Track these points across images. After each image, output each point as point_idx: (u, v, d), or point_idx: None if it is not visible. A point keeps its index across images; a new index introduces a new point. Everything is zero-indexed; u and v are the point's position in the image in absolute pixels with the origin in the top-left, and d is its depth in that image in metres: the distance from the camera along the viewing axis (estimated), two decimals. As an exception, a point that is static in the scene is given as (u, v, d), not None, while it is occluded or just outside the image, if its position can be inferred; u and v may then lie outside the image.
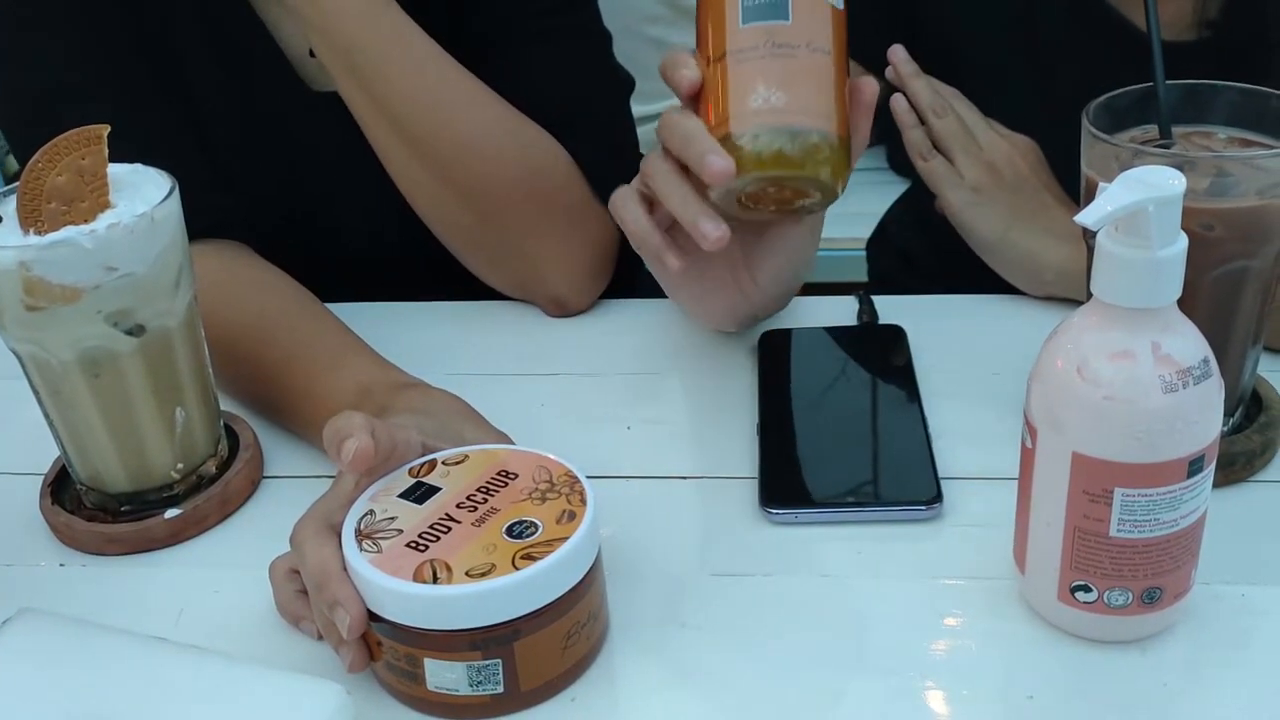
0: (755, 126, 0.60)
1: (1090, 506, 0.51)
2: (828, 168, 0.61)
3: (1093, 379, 0.50)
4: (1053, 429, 0.52)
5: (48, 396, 0.66)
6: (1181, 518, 0.51)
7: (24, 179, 0.61)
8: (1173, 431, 0.49)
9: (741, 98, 0.60)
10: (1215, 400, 0.50)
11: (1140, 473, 0.50)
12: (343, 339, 0.77)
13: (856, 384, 0.76)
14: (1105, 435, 0.50)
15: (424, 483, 0.57)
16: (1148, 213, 0.47)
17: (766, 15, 0.59)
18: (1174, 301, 0.50)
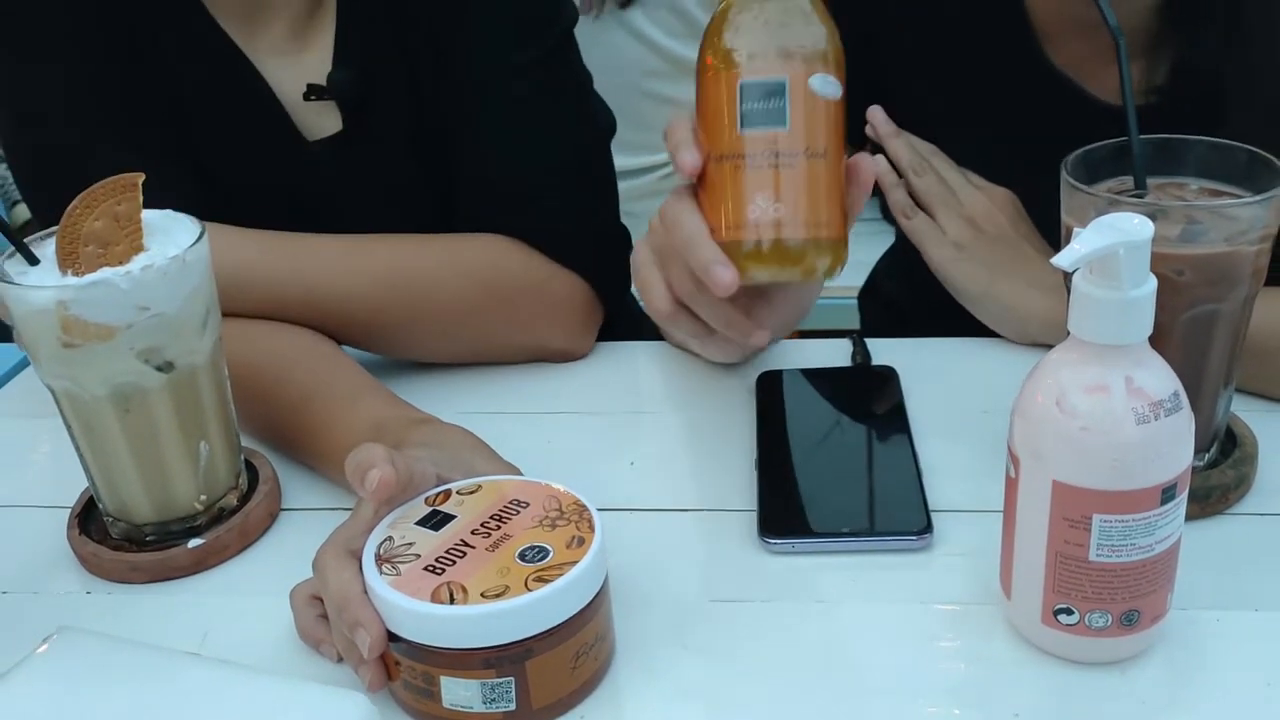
0: (755, 236, 0.62)
1: (1070, 532, 0.54)
2: (826, 262, 0.64)
3: (1070, 411, 0.53)
4: (1034, 459, 0.55)
5: (79, 430, 0.69)
6: (1156, 543, 0.55)
7: (63, 223, 0.65)
8: (1146, 461, 0.53)
9: (741, 206, 0.62)
10: (1185, 432, 0.54)
11: (1116, 500, 0.53)
12: (357, 378, 0.81)
13: (850, 421, 0.79)
14: (1083, 464, 0.53)
15: (440, 511, 0.61)
16: (1118, 256, 0.51)
17: (765, 122, 0.61)
18: (1145, 339, 0.53)
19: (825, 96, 0.62)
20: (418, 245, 0.89)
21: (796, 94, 0.61)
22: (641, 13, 1.71)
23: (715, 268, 0.63)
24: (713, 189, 0.64)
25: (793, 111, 0.61)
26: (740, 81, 0.61)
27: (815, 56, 0.62)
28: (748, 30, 0.63)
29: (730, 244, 0.63)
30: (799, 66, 0.61)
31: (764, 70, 0.61)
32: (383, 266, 0.87)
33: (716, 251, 0.64)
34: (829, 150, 0.63)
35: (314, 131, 0.93)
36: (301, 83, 0.91)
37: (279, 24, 0.91)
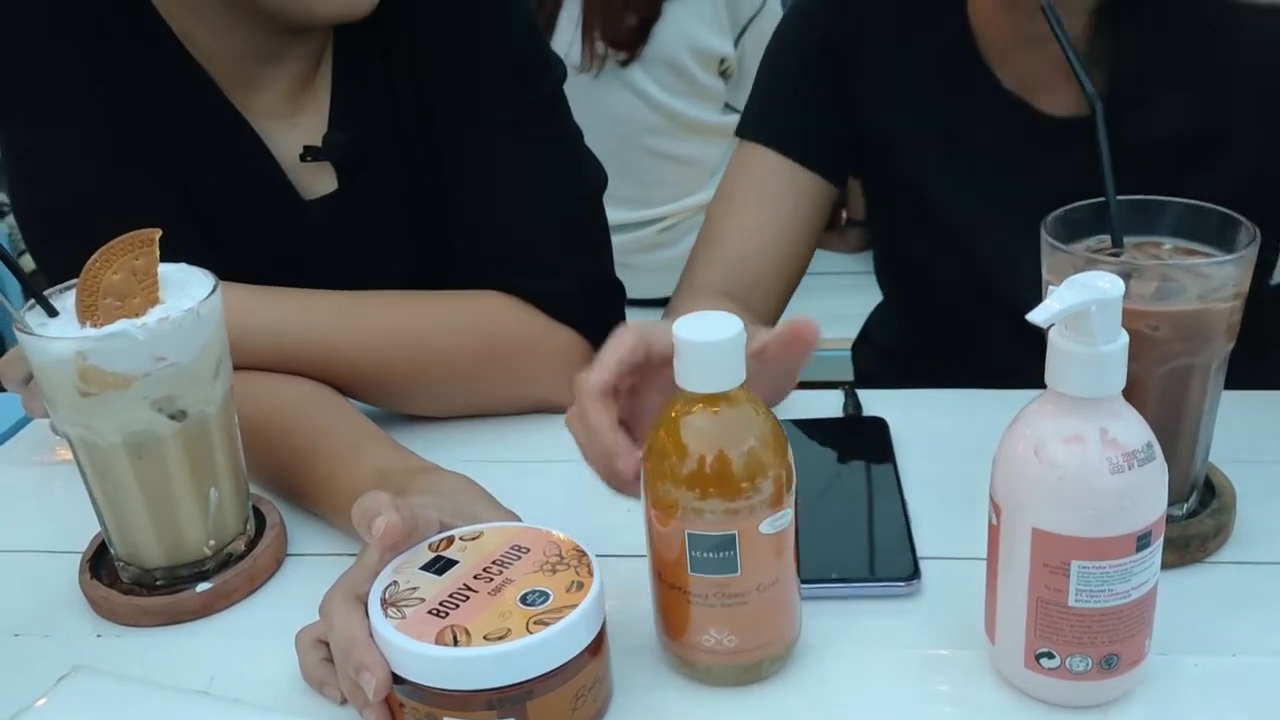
0: (708, 661, 0.62)
1: (1050, 578, 0.57)
2: (781, 661, 0.64)
3: (1048, 461, 0.55)
4: (1014, 507, 0.57)
5: (94, 476, 0.71)
6: (1133, 589, 0.57)
7: (83, 276, 0.67)
8: (1121, 509, 0.55)
9: (695, 632, 0.62)
10: (1159, 481, 0.56)
11: (1093, 546, 0.55)
12: (361, 427, 0.83)
13: (842, 471, 0.81)
14: (1061, 513, 0.55)
15: (443, 556, 0.63)
16: (1090, 313, 0.53)
17: (716, 570, 0.59)
18: (1118, 391, 0.55)
19: (777, 531, 0.60)
20: (416, 302, 0.92)
21: (747, 541, 0.59)
22: (641, 70, 1.75)
23: (618, 463, 0.63)
24: (668, 602, 0.63)
25: (743, 559, 0.59)
26: (687, 531, 0.59)
27: (763, 503, 0.59)
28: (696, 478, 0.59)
29: (685, 653, 0.63)
30: (747, 519, 0.59)
31: (713, 525, 0.59)
32: (382, 322, 0.89)
33: (621, 444, 0.64)
34: (780, 578, 0.61)
35: (310, 191, 0.96)
36: (298, 144, 0.94)
37: (277, 89, 0.94)
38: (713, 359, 0.58)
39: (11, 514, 0.86)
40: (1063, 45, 0.72)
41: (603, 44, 1.74)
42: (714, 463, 0.58)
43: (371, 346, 0.88)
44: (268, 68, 0.93)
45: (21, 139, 0.91)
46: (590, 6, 1.74)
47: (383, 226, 0.97)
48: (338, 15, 0.88)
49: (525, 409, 0.92)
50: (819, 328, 0.66)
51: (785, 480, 0.59)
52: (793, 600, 0.63)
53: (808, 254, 1.04)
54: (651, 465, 0.61)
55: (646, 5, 1.72)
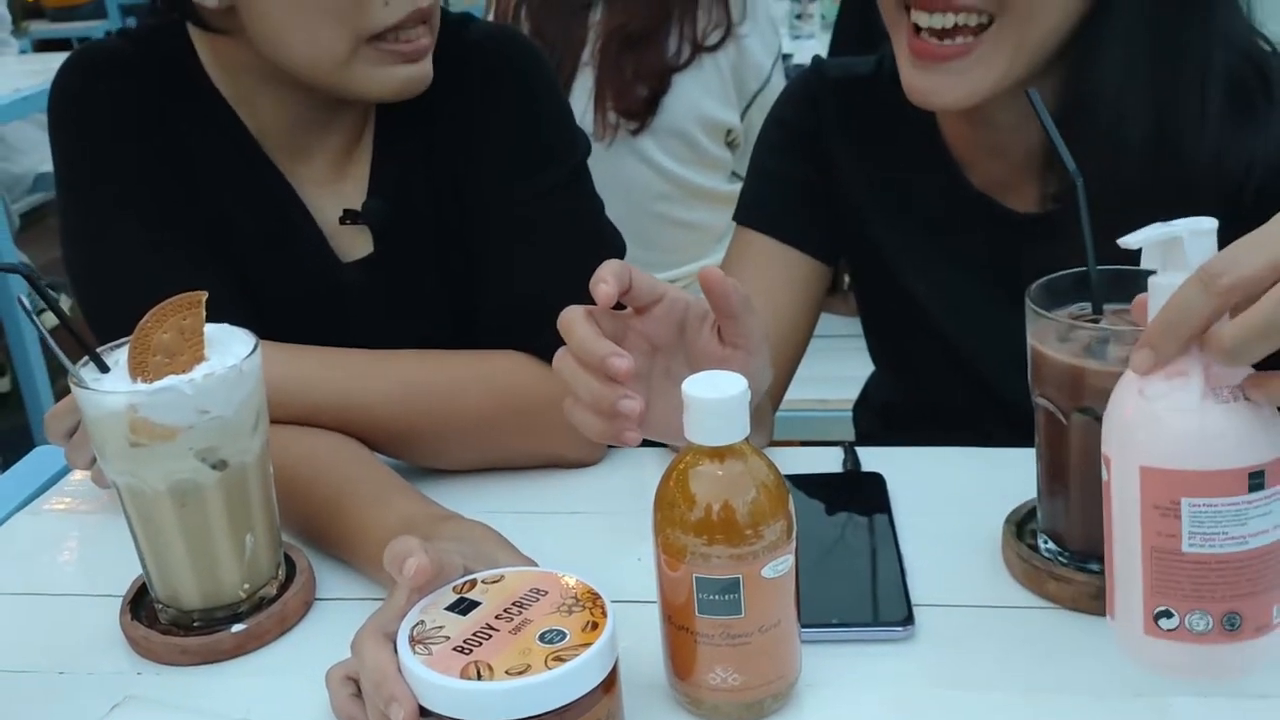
0: (714, 699, 0.66)
1: (1162, 522, 0.56)
2: (785, 697, 0.67)
3: (1152, 395, 0.57)
4: (1122, 449, 0.58)
5: (138, 522, 0.76)
6: (1250, 536, 0.56)
7: (135, 335, 0.73)
8: (1225, 440, 0.55)
9: (702, 671, 0.66)
10: (1270, 421, 0.55)
11: (1203, 481, 0.55)
12: (386, 478, 0.88)
13: (841, 523, 0.86)
14: (1167, 445, 0.56)
15: (466, 598, 0.67)
16: (1183, 239, 0.56)
17: (722, 612, 0.63)
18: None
19: (778, 575, 0.64)
20: (442, 360, 0.97)
21: (751, 584, 0.63)
22: (651, 140, 1.82)
23: (611, 360, 0.69)
24: (676, 643, 0.67)
25: (747, 601, 0.63)
26: (695, 575, 0.63)
27: (766, 549, 0.63)
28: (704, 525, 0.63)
29: (692, 691, 0.67)
30: (751, 564, 0.63)
31: (719, 569, 0.63)
32: (409, 380, 0.94)
33: (608, 346, 0.70)
34: (782, 621, 0.65)
35: (348, 253, 1.02)
36: (338, 208, 1.01)
37: (322, 157, 1.01)
38: (719, 415, 0.62)
39: (54, 560, 0.91)
40: (1045, 125, 0.78)
41: (614, 114, 1.80)
42: (720, 511, 0.63)
43: (396, 403, 0.93)
44: (314, 137, 0.99)
45: (81, 200, 0.97)
46: (602, 78, 1.80)
47: (415, 288, 1.03)
48: (394, 95, 0.94)
49: (541, 463, 0.97)
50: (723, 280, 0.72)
51: (786, 528, 0.64)
52: (794, 641, 0.67)
53: (807, 330, 1.09)
54: (661, 514, 0.65)
55: (656, 78, 1.79)
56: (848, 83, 1.08)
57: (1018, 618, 0.76)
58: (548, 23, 1.81)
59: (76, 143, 0.98)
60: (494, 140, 1.00)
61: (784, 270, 1.08)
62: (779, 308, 1.07)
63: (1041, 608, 0.76)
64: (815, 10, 3.18)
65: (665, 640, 0.68)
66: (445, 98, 1.00)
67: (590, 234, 1.02)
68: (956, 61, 0.89)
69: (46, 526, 0.95)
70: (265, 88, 0.97)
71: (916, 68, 0.91)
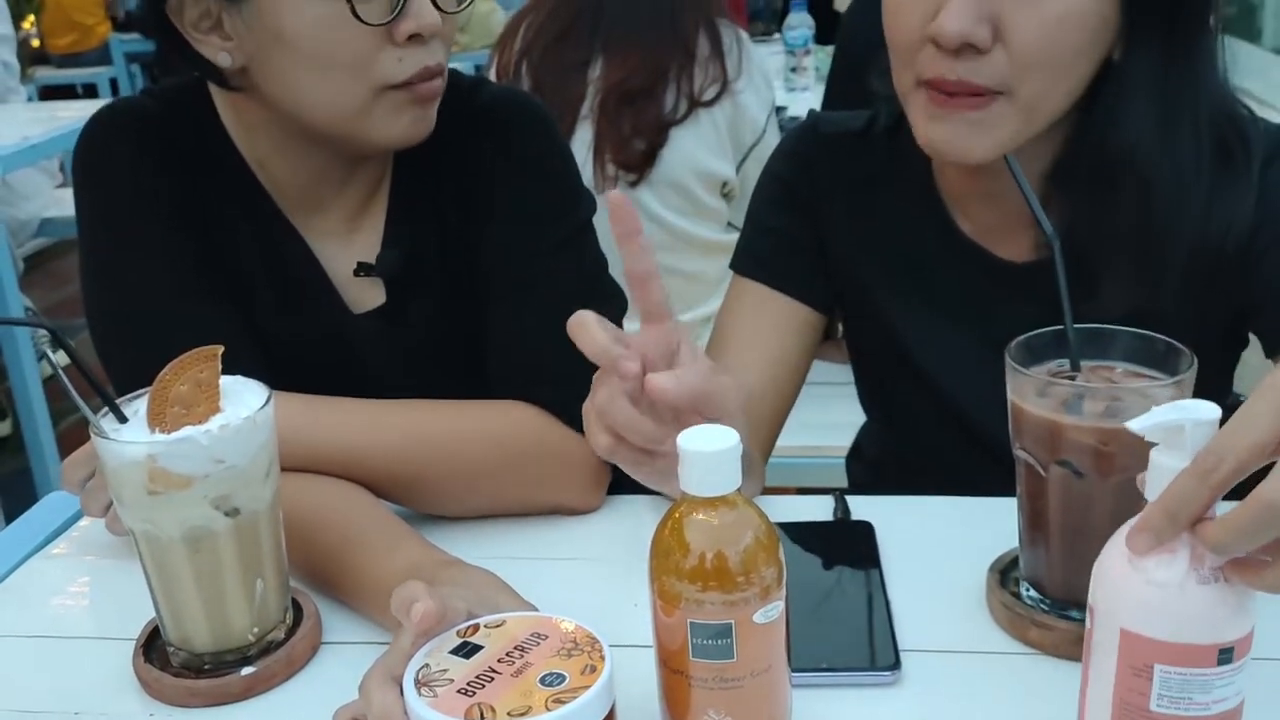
0: None
1: (1134, 681, 0.61)
2: None
3: (1140, 567, 0.60)
4: (1107, 609, 0.62)
5: (153, 567, 0.79)
6: (1214, 703, 0.60)
7: (154, 387, 0.76)
8: (1204, 619, 0.59)
9: (696, 713, 0.68)
10: (1244, 601, 0.60)
11: (1177, 652, 0.59)
12: (392, 525, 0.91)
13: (831, 570, 0.89)
14: (1149, 616, 0.60)
15: (469, 642, 0.70)
16: (1185, 430, 0.59)
17: (715, 656, 0.66)
18: (1212, 512, 0.60)
19: (770, 621, 0.66)
20: (449, 411, 1.00)
21: (743, 630, 0.66)
22: (649, 192, 1.86)
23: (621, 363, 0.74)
24: (670, 687, 0.70)
25: (739, 646, 0.66)
26: (689, 620, 0.66)
27: (757, 595, 0.65)
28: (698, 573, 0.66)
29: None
30: (743, 609, 0.65)
31: (712, 615, 0.65)
32: (416, 431, 0.97)
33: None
34: (772, 666, 0.67)
35: (360, 304, 1.06)
36: (352, 261, 1.05)
37: (337, 211, 1.05)
38: (713, 467, 0.65)
39: (66, 604, 0.94)
40: (1023, 190, 0.82)
41: (613, 167, 1.85)
42: (713, 559, 0.66)
43: (402, 452, 0.96)
44: (331, 191, 1.03)
45: (102, 252, 1.01)
46: (601, 132, 1.85)
47: (425, 338, 1.06)
48: (395, 143, 0.98)
49: (543, 511, 1.00)
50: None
51: (777, 575, 0.67)
52: (784, 685, 0.70)
53: (799, 376, 1.13)
54: (657, 561, 0.68)
55: (654, 132, 1.84)
56: (841, 138, 1.12)
57: (1001, 663, 0.78)
58: (548, 77, 1.86)
59: (100, 197, 1.01)
60: (504, 197, 1.04)
61: (778, 317, 1.12)
62: (772, 354, 1.10)
63: (1024, 654, 0.79)
64: (809, 64, 3.24)
65: (660, 683, 0.71)
66: (458, 156, 1.04)
67: (594, 290, 1.06)
68: (973, 113, 0.91)
69: (59, 571, 0.98)
70: (282, 144, 1.01)
71: (935, 119, 0.93)
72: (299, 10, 0.91)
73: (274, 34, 0.92)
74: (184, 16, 0.94)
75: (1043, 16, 0.88)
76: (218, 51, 0.94)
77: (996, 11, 0.88)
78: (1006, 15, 0.88)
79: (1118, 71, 0.93)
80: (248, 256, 1.03)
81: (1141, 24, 0.91)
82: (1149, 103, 0.93)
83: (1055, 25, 0.88)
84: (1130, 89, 0.93)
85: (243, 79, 0.97)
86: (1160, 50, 0.92)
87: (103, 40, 6.46)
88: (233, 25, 0.93)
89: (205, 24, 0.94)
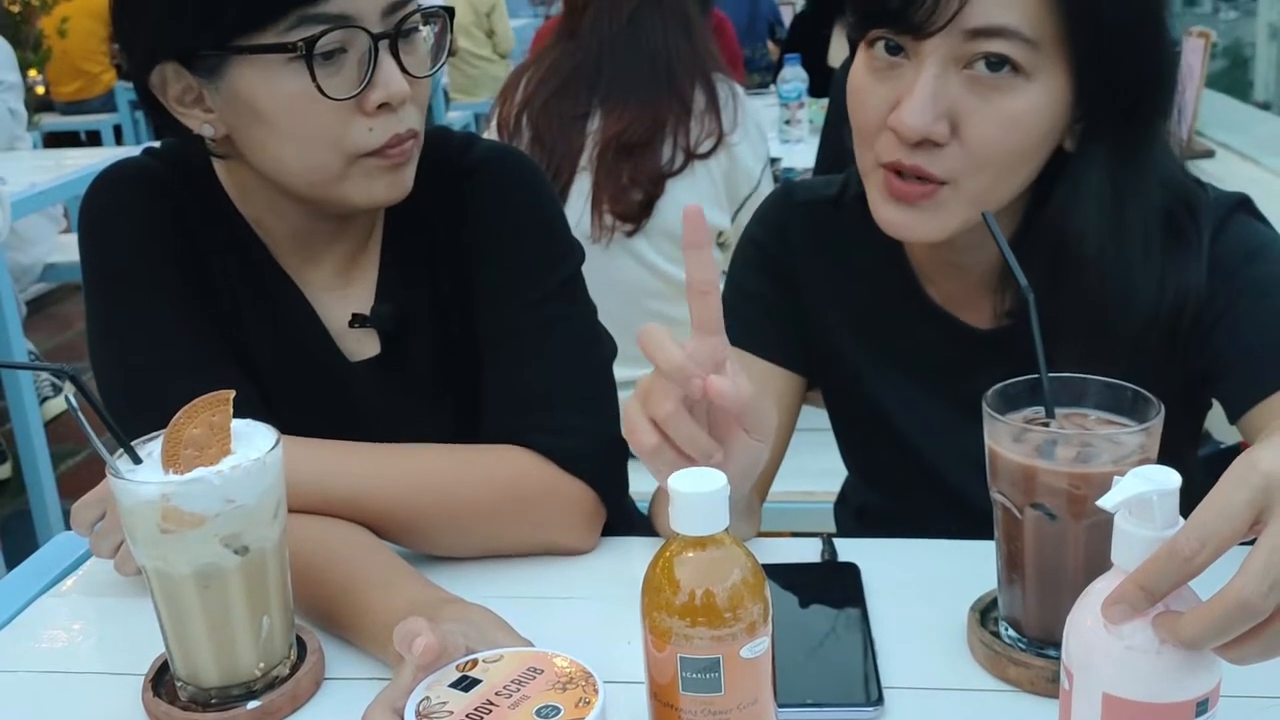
0: None
1: None
2: None
3: (1115, 633, 0.63)
4: (1084, 673, 0.64)
5: (163, 603, 0.81)
6: None
7: (169, 429, 0.79)
8: (1181, 678, 0.62)
9: None
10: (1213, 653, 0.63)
11: (1159, 711, 0.62)
12: (393, 564, 0.94)
13: (818, 609, 0.92)
14: (1130, 679, 0.62)
15: (468, 676, 0.73)
16: (1153, 500, 0.62)
17: (704, 690, 0.68)
18: None
19: (756, 656, 0.69)
20: (444, 455, 1.03)
21: (730, 664, 0.68)
22: (645, 241, 1.91)
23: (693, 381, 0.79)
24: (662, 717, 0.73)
25: (727, 680, 0.68)
26: (679, 655, 0.68)
27: (744, 631, 0.68)
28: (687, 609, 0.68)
29: None
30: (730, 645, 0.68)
31: (701, 649, 0.68)
32: (416, 474, 1.00)
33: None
34: (760, 698, 0.70)
35: (356, 354, 1.09)
36: (346, 312, 1.08)
37: (330, 264, 1.09)
38: (701, 507, 0.69)
39: (75, 641, 0.96)
40: (1000, 246, 0.86)
41: (610, 216, 1.89)
42: (702, 596, 0.69)
43: (403, 495, 0.99)
44: (323, 245, 1.07)
45: (107, 306, 1.04)
46: (599, 182, 1.89)
47: (420, 387, 1.10)
48: (374, 204, 1.02)
49: (539, 551, 1.03)
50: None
51: (763, 612, 0.70)
52: (771, 718, 0.73)
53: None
54: (648, 598, 0.71)
55: (651, 183, 1.88)
56: (815, 205, 1.16)
57: (980, 700, 0.81)
58: (548, 129, 1.91)
59: (105, 252, 1.05)
60: (495, 249, 1.08)
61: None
62: None
63: (1003, 691, 0.82)
64: (803, 116, 3.31)
65: (652, 716, 0.74)
66: (450, 212, 1.08)
67: (584, 338, 1.10)
68: (925, 201, 0.96)
69: (68, 609, 1.01)
70: (273, 201, 1.05)
71: (889, 202, 0.98)
72: (271, 87, 0.94)
73: (249, 109, 0.96)
74: (167, 92, 0.98)
75: (999, 115, 0.92)
76: (201, 123, 0.99)
77: (954, 108, 0.92)
78: (964, 113, 0.92)
79: (1071, 160, 0.97)
80: (246, 307, 1.07)
81: (1094, 119, 0.95)
82: (1099, 190, 0.96)
83: (1010, 124, 0.92)
84: (1082, 177, 0.97)
85: (228, 147, 1.01)
86: (1112, 143, 0.96)
87: (108, 88, 6.54)
88: (213, 100, 0.97)
89: (188, 98, 0.98)
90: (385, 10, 0.95)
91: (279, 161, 0.99)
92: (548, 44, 2.02)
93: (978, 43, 0.91)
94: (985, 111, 0.92)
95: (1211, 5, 5.97)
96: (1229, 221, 1.00)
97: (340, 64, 0.95)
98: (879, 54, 0.96)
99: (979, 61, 0.91)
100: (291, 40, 0.92)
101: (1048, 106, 0.93)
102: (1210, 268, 0.98)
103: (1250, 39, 4.83)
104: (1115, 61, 0.93)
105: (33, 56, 5.35)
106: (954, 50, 0.91)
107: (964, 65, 0.92)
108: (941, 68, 0.92)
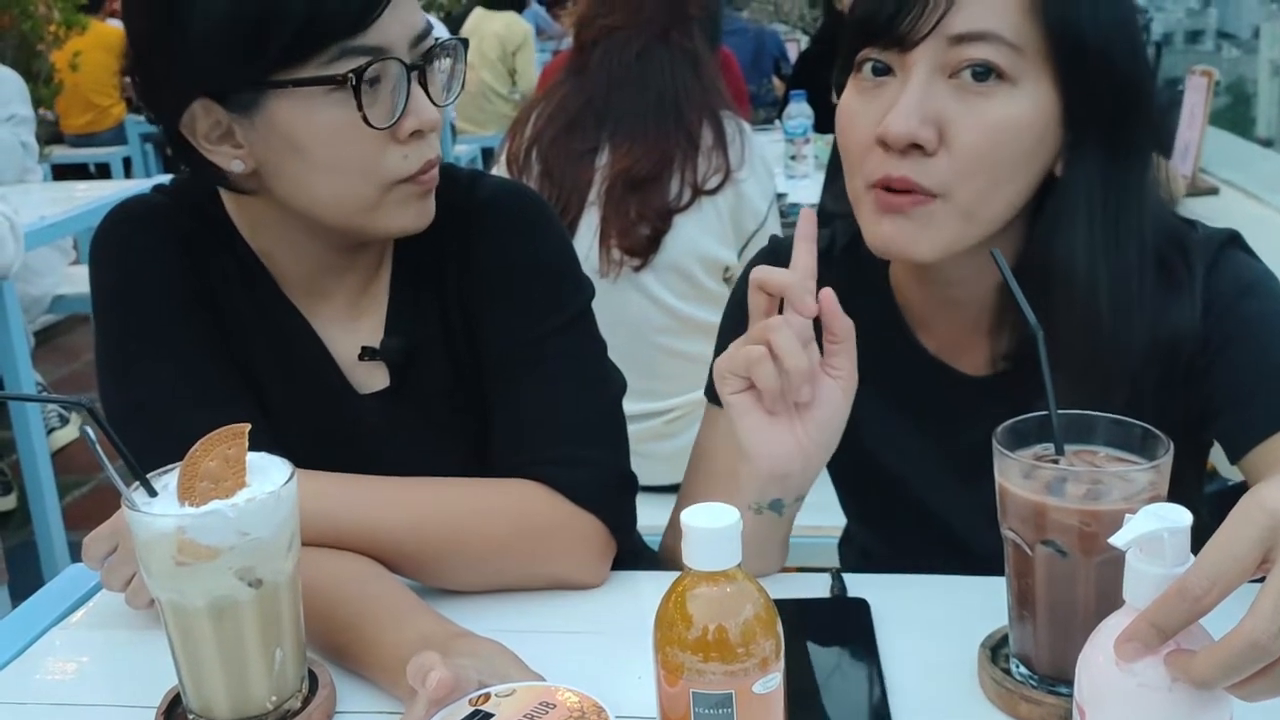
0: None
1: None
2: None
3: (1128, 670, 0.63)
4: (1097, 710, 0.65)
5: (177, 635, 0.82)
6: None
7: (185, 463, 0.80)
8: (1194, 710, 0.62)
9: None
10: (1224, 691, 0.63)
11: None
12: (405, 598, 0.94)
13: (828, 645, 0.92)
14: (1139, 715, 0.63)
15: (480, 710, 0.73)
16: (1164, 538, 0.63)
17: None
18: None
19: (768, 691, 0.70)
20: (455, 488, 1.03)
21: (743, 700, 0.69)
22: (653, 276, 1.92)
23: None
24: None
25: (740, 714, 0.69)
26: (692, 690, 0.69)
27: (756, 666, 0.69)
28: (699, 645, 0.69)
29: None
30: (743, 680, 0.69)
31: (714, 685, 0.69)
32: (423, 506, 1.01)
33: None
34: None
35: (366, 386, 1.10)
36: (356, 345, 1.09)
37: (340, 298, 1.10)
38: (715, 543, 0.69)
39: (86, 673, 0.97)
40: (1006, 279, 0.86)
41: (618, 251, 1.90)
42: (715, 631, 0.69)
43: (414, 528, 0.99)
44: (333, 279, 1.08)
45: (117, 340, 1.05)
46: (607, 217, 1.91)
47: (430, 420, 1.10)
48: (402, 231, 1.03)
49: (550, 585, 1.03)
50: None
51: (775, 647, 0.70)
52: None
53: None
54: (661, 632, 0.71)
55: (658, 218, 1.90)
56: None
57: (991, 737, 0.81)
58: (557, 164, 1.93)
59: (116, 287, 1.07)
60: (504, 285, 1.09)
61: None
62: None
63: (1014, 727, 0.82)
64: (809, 152, 3.33)
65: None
66: (457, 245, 1.09)
67: (593, 374, 1.10)
68: (916, 209, 0.95)
69: (79, 642, 1.01)
70: (286, 237, 1.06)
71: (881, 218, 0.97)
72: (310, 119, 0.96)
73: (286, 141, 0.97)
74: (196, 129, 0.99)
75: (985, 122, 0.93)
76: (230, 160, 0.99)
77: (941, 115, 0.93)
78: (950, 119, 0.93)
79: (1060, 185, 0.98)
80: (256, 340, 1.08)
81: (1081, 140, 0.96)
82: (1089, 217, 0.97)
83: (995, 131, 0.93)
84: (1071, 202, 0.97)
85: (254, 182, 1.01)
86: (1100, 167, 0.97)
87: (118, 121, 6.59)
88: (244, 134, 0.98)
89: (216, 134, 0.98)
90: (413, 41, 0.98)
91: (312, 193, 1.00)
92: (557, 79, 2.04)
93: (963, 48, 0.92)
94: (972, 118, 0.93)
95: (1214, 43, 6.02)
96: (1221, 258, 1.01)
97: (377, 94, 0.97)
98: (866, 76, 0.97)
99: (965, 70, 0.92)
100: (336, 73, 0.94)
101: (1034, 114, 0.94)
102: (1205, 305, 0.98)
103: (1253, 76, 4.87)
104: (1095, 71, 0.94)
105: (44, 90, 5.39)
106: (940, 58, 0.93)
107: (950, 74, 0.93)
108: (928, 75, 0.93)
